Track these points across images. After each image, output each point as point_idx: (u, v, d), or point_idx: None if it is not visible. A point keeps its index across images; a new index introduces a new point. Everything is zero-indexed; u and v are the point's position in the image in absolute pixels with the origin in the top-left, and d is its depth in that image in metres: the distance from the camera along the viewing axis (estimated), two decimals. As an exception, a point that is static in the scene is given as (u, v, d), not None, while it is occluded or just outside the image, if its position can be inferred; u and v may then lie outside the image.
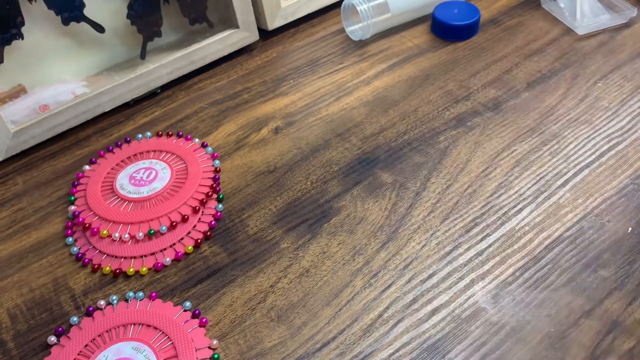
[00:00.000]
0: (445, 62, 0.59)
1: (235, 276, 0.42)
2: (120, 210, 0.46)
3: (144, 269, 0.43)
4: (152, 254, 0.44)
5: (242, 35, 0.61)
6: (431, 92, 0.56)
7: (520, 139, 0.50)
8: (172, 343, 0.38)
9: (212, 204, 0.47)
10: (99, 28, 0.55)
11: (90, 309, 0.40)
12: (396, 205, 0.46)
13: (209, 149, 0.51)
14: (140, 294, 0.41)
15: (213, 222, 0.46)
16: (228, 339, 0.39)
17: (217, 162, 0.51)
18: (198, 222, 0.46)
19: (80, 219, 0.46)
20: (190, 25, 0.60)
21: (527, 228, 0.44)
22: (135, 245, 0.44)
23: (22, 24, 0.51)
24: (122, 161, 0.51)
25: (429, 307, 0.39)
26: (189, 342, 0.38)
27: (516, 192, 0.46)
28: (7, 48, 0.52)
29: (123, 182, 0.48)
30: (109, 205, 0.47)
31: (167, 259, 0.44)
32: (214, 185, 0.48)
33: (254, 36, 0.62)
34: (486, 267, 0.41)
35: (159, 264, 0.43)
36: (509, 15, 0.65)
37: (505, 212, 0.45)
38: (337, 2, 0.68)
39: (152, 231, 0.44)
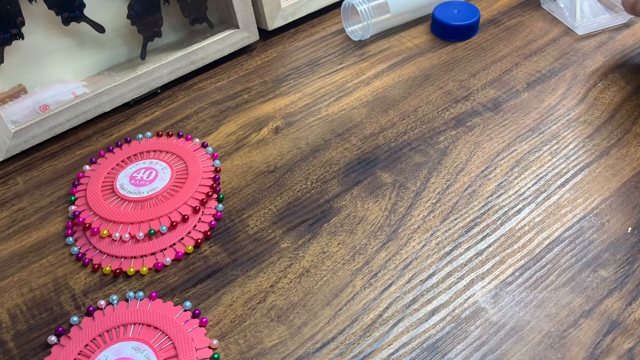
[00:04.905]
0: (445, 62, 0.59)
1: (235, 276, 0.42)
2: (120, 210, 0.46)
3: (144, 269, 0.43)
4: (153, 253, 0.44)
5: (242, 35, 0.61)
6: (431, 92, 0.56)
7: (520, 139, 0.50)
8: (172, 343, 0.38)
9: (212, 203, 0.47)
10: (99, 28, 0.56)
11: (91, 308, 0.40)
12: (396, 205, 0.46)
13: (209, 149, 0.51)
14: (141, 293, 0.41)
15: (213, 222, 0.46)
16: (228, 339, 0.39)
17: (217, 162, 0.51)
18: (198, 222, 0.46)
19: (81, 219, 0.46)
20: (191, 26, 0.60)
21: (527, 228, 0.44)
22: (136, 245, 0.44)
23: (23, 24, 0.52)
24: (122, 161, 0.51)
25: (429, 307, 0.39)
26: (189, 342, 0.38)
27: (516, 192, 0.46)
28: (7, 48, 0.52)
29: (123, 182, 0.48)
30: (109, 205, 0.47)
31: (167, 259, 0.44)
32: (214, 185, 0.48)
33: (254, 36, 0.62)
34: (486, 267, 0.41)
35: (159, 264, 0.43)
36: (509, 15, 0.65)
37: (505, 212, 0.45)
38: (337, 2, 0.68)
39: (152, 231, 0.44)
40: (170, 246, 0.44)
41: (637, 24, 0.62)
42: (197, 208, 0.46)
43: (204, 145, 0.52)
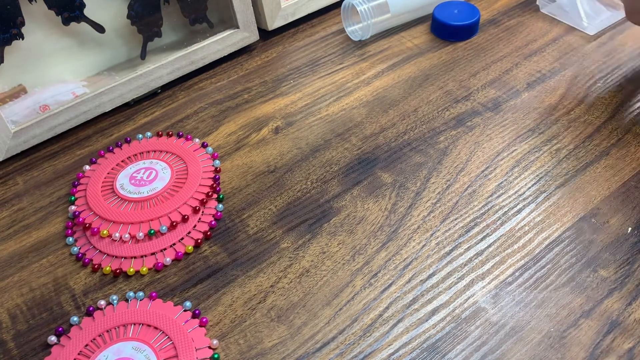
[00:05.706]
0: (445, 62, 0.59)
1: (235, 276, 0.42)
2: (120, 210, 0.46)
3: (144, 269, 0.43)
4: (153, 253, 0.44)
5: (242, 35, 0.61)
6: (431, 92, 0.56)
7: (520, 139, 0.50)
8: (172, 343, 0.38)
9: (212, 204, 0.47)
10: (99, 28, 0.56)
11: (91, 308, 0.40)
12: (396, 205, 0.46)
13: (209, 149, 0.51)
14: (141, 293, 0.41)
15: (213, 222, 0.46)
16: (228, 339, 0.39)
17: (217, 162, 0.51)
18: (198, 222, 0.46)
19: (81, 219, 0.46)
20: (191, 26, 0.60)
21: (527, 228, 0.44)
22: (136, 245, 0.44)
23: (23, 24, 0.52)
24: (122, 161, 0.51)
25: (429, 307, 0.39)
26: (189, 342, 0.38)
27: (516, 192, 0.46)
28: (7, 48, 0.52)
29: (123, 182, 0.48)
30: (109, 205, 0.47)
31: (167, 259, 0.44)
32: (214, 185, 0.48)
33: (254, 36, 0.62)
34: (486, 267, 0.41)
35: (159, 264, 0.43)
36: (509, 15, 0.65)
37: (505, 212, 0.45)
38: (337, 2, 0.68)
39: (152, 231, 0.44)
40: (170, 246, 0.44)
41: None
42: (197, 208, 0.46)
43: (204, 145, 0.52)
